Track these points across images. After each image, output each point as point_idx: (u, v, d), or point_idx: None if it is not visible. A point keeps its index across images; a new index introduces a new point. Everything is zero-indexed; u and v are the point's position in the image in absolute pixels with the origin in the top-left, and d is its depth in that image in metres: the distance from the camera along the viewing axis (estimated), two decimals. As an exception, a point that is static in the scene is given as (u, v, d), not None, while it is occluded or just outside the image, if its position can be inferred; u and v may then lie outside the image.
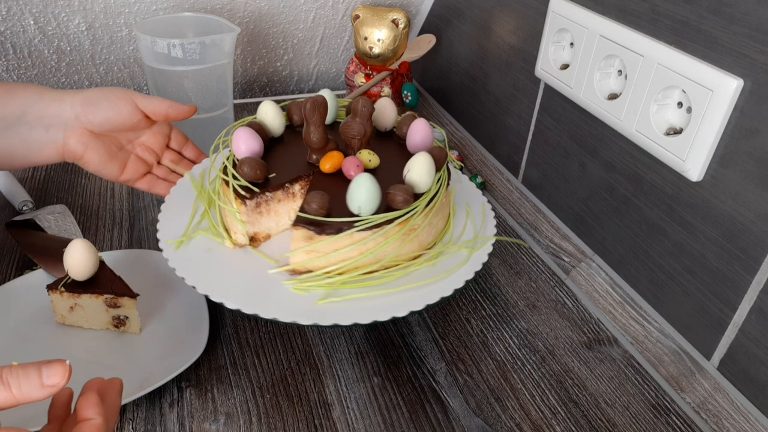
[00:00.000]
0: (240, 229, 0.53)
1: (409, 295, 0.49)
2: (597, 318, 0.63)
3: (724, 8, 0.48)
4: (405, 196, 0.50)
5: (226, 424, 0.50)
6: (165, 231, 0.55)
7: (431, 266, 0.53)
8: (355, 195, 0.49)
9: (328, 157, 0.54)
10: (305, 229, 0.49)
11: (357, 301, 0.49)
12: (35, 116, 0.56)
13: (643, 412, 0.54)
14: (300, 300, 0.48)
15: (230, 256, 0.53)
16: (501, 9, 0.81)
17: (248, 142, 0.54)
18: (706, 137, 0.50)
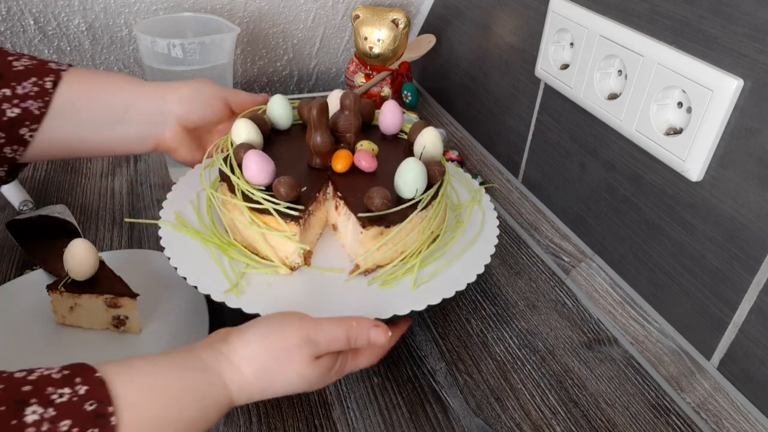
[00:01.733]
0: (294, 250, 0.52)
1: (473, 254, 0.56)
2: (597, 318, 0.63)
3: (724, 8, 0.48)
4: (440, 168, 0.54)
5: (226, 424, 0.50)
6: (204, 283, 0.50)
7: (464, 227, 0.59)
8: (410, 179, 0.51)
9: (340, 157, 0.56)
10: (375, 227, 0.50)
11: (441, 275, 0.53)
12: (139, 113, 0.58)
13: (643, 412, 0.54)
14: (393, 294, 0.51)
15: (294, 282, 0.52)
16: (501, 9, 0.81)
17: (262, 165, 0.51)
18: (706, 137, 0.50)
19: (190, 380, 0.39)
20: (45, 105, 0.53)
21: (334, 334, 0.43)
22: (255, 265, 0.52)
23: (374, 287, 0.51)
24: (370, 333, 0.45)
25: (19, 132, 0.52)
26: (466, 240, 0.57)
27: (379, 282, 0.52)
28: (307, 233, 0.54)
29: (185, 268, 0.51)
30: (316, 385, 0.44)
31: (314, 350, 0.42)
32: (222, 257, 0.53)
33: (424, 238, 0.54)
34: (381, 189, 0.50)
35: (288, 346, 0.42)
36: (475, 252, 0.56)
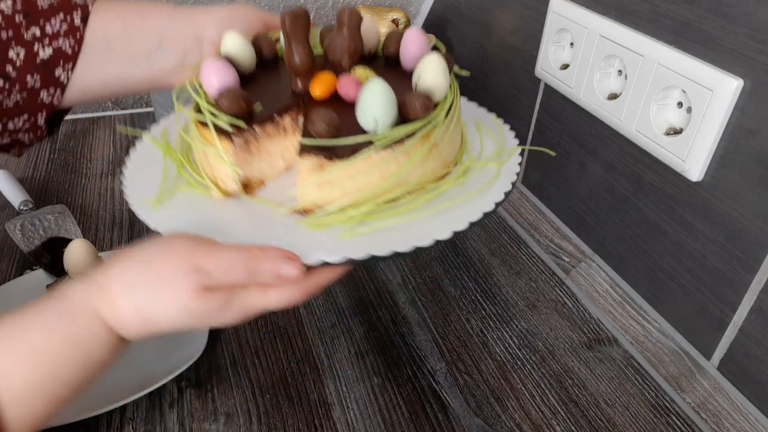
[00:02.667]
0: (229, 174, 0.45)
1: (446, 217, 0.43)
2: (597, 318, 0.63)
3: (724, 8, 0.48)
4: (425, 102, 0.43)
5: (226, 424, 0.50)
6: (136, 194, 0.46)
7: (461, 185, 0.46)
8: (368, 106, 0.41)
9: (319, 81, 0.46)
10: (313, 156, 0.41)
11: (390, 231, 0.42)
12: (175, 41, 0.54)
13: (643, 412, 0.54)
14: (320, 238, 0.41)
15: (223, 208, 0.46)
16: (501, 9, 0.81)
17: (221, 73, 0.45)
18: (706, 137, 0.50)
19: (64, 330, 0.35)
20: (78, 43, 0.50)
21: (229, 263, 0.37)
22: (193, 183, 0.47)
23: (301, 228, 0.43)
24: (280, 266, 0.37)
25: (55, 74, 0.50)
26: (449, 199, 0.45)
27: (310, 223, 0.43)
28: (252, 158, 0.46)
29: (131, 177, 0.48)
30: (207, 321, 0.38)
31: (203, 280, 0.36)
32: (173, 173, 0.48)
33: (388, 185, 0.43)
34: (328, 111, 0.41)
35: (171, 273, 0.36)
36: (452, 216, 0.43)
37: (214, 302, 0.37)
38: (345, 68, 0.49)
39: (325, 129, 0.41)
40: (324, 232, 0.42)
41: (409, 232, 0.42)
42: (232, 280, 0.37)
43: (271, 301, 0.39)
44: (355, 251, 0.39)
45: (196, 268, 0.36)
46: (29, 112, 0.51)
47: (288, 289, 0.39)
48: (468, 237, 0.75)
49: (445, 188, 0.45)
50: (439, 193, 0.45)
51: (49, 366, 0.34)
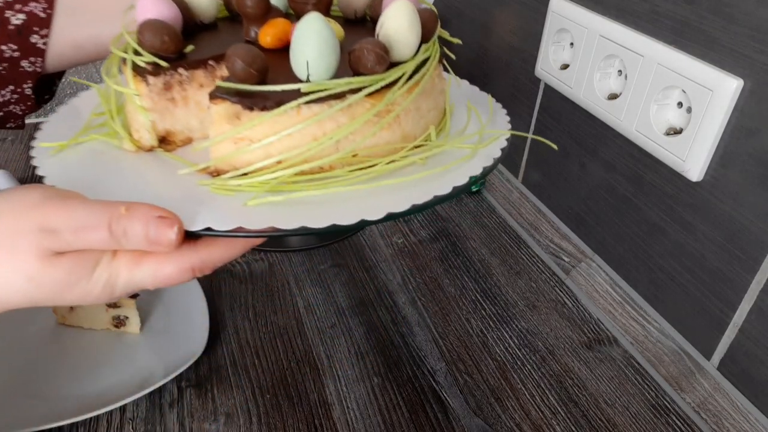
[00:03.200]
0: (143, 122, 0.38)
1: (389, 196, 0.34)
2: (597, 318, 0.63)
3: (724, 8, 0.48)
4: (378, 53, 0.34)
5: (226, 424, 0.50)
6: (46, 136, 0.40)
7: (421, 163, 0.37)
8: (299, 46, 0.33)
9: (270, 26, 0.39)
10: (228, 102, 0.34)
11: (309, 203, 0.33)
12: None
13: (643, 412, 0.54)
14: (218, 203, 0.34)
15: (129, 162, 0.39)
16: (501, 9, 0.81)
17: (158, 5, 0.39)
18: (706, 137, 0.50)
19: None
20: (49, 5, 0.48)
21: (85, 221, 0.29)
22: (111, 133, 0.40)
23: (203, 189, 0.35)
24: (149, 226, 0.29)
25: (31, 40, 0.48)
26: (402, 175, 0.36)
27: (211, 184, 0.35)
28: (177, 109, 0.40)
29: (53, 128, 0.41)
30: (59, 295, 0.31)
31: (51, 242, 0.29)
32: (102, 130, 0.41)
33: (320, 150, 0.35)
34: (252, 50, 0.33)
35: (10, 233, 0.29)
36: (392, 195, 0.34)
37: (63, 270, 0.30)
38: None
39: (246, 70, 0.33)
40: (227, 197, 0.34)
41: (329, 207, 0.33)
42: (88, 242, 0.29)
43: (144, 275, 0.31)
44: (253, 221, 0.31)
45: (42, 227, 0.29)
46: (13, 84, 0.49)
47: (166, 262, 0.31)
48: (468, 237, 0.75)
49: (399, 164, 0.37)
50: (388, 168, 0.36)
51: None
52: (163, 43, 0.37)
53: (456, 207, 0.80)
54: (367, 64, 0.35)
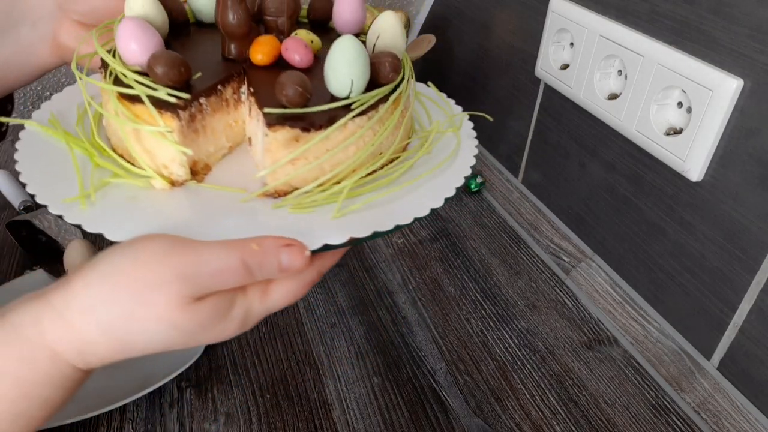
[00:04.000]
0: (176, 157, 0.38)
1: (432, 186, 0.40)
2: (597, 318, 0.63)
3: (724, 8, 0.48)
4: (395, 63, 0.38)
5: (226, 424, 0.50)
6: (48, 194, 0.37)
7: (428, 153, 0.44)
8: (342, 67, 0.36)
9: (261, 44, 0.40)
10: (286, 128, 0.35)
11: (380, 205, 0.38)
12: (19, 12, 0.47)
13: (643, 412, 0.54)
14: (308, 221, 0.36)
15: (168, 200, 0.38)
16: (501, 9, 0.81)
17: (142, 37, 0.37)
18: (706, 137, 0.50)
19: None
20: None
21: (222, 263, 0.30)
22: (123, 173, 0.38)
23: (282, 211, 0.37)
24: (281, 256, 0.32)
25: None
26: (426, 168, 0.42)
27: (289, 205, 0.37)
28: (198, 138, 0.39)
29: (32, 174, 0.38)
30: (201, 337, 0.32)
31: (191, 288, 0.30)
32: (89, 166, 0.39)
33: (363, 157, 0.39)
34: (297, 74, 0.35)
35: (147, 285, 0.29)
36: (437, 183, 0.41)
37: (205, 314, 0.31)
38: (283, 31, 0.43)
39: (299, 94, 0.35)
40: (309, 215, 0.37)
41: (396, 204, 0.38)
42: (225, 283, 0.31)
43: (275, 301, 0.34)
44: (358, 230, 0.35)
45: (180, 275, 0.30)
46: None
47: (291, 283, 0.34)
48: (468, 237, 0.75)
49: (417, 158, 0.43)
50: (410, 164, 0.42)
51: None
52: (180, 74, 0.36)
53: (456, 207, 0.80)
54: (388, 75, 0.38)
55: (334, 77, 0.37)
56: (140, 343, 0.31)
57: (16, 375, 0.29)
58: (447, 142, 0.45)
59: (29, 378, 0.29)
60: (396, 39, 0.41)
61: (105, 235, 0.34)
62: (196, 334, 0.31)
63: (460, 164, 0.43)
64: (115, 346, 0.31)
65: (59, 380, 0.30)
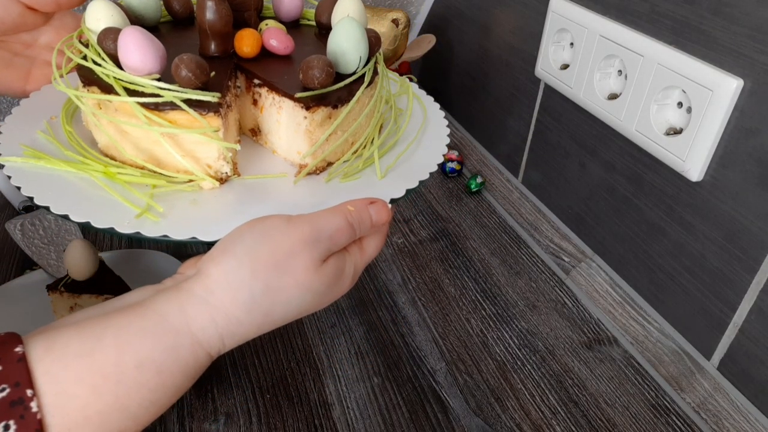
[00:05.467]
0: (217, 153, 0.39)
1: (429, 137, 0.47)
2: (597, 318, 0.63)
3: (724, 8, 0.48)
4: (375, 35, 0.42)
5: (226, 424, 0.50)
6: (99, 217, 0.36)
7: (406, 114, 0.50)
8: (351, 45, 0.40)
9: (245, 38, 0.42)
10: (322, 108, 0.39)
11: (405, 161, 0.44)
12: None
13: (643, 412, 0.54)
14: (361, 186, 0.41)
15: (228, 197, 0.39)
16: (501, 9, 0.81)
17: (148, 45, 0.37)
18: (706, 137, 0.50)
19: (141, 354, 0.29)
20: None
21: (334, 225, 0.35)
22: (164, 183, 0.39)
23: (334, 183, 0.41)
24: (371, 212, 0.37)
25: None
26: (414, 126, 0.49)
27: (340, 176, 0.42)
28: (228, 134, 0.41)
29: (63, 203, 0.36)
30: (329, 296, 0.36)
31: (318, 251, 0.34)
32: (115, 186, 0.38)
33: (374, 124, 0.44)
34: (320, 57, 0.38)
35: (283, 257, 0.32)
36: (431, 136, 0.47)
37: (331, 272, 0.35)
38: (251, 23, 0.46)
39: (329, 73, 0.38)
40: (357, 181, 0.41)
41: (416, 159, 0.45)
42: (341, 242, 0.35)
43: (369, 253, 0.39)
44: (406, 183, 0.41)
45: (306, 242, 0.33)
46: None
47: (376, 236, 0.39)
48: (468, 237, 0.75)
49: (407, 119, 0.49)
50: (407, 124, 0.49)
51: (116, 396, 0.28)
52: (205, 75, 0.37)
53: (456, 207, 0.80)
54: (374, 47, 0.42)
55: (345, 56, 0.40)
56: (279, 313, 0.33)
57: (160, 364, 0.30)
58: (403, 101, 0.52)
59: (170, 368, 0.30)
60: (361, 17, 0.44)
61: (199, 238, 0.36)
62: (324, 294, 0.35)
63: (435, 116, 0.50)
64: (258, 320, 0.33)
65: (193, 369, 0.32)
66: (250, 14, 0.45)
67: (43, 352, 0.28)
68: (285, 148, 0.44)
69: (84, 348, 0.28)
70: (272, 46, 0.43)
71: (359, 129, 0.43)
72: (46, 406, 0.26)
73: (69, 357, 0.28)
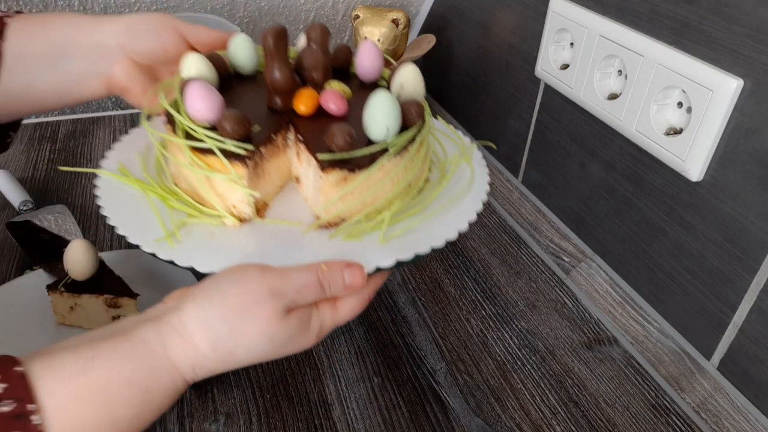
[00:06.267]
0: (243, 198, 0.45)
1: (456, 212, 0.48)
2: (597, 318, 0.63)
3: (724, 8, 0.48)
4: (419, 109, 0.46)
5: (226, 424, 0.50)
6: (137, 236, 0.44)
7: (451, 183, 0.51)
8: (379, 117, 0.44)
9: (303, 97, 0.47)
10: (338, 171, 0.43)
11: (416, 230, 0.45)
12: (77, 49, 0.52)
13: (643, 412, 0.54)
14: (358, 247, 0.44)
15: (241, 236, 0.45)
16: (501, 9, 0.81)
17: (207, 97, 0.43)
18: (706, 137, 0.50)
19: (128, 373, 0.34)
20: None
21: (303, 281, 0.37)
22: (197, 214, 0.46)
23: (337, 240, 0.44)
24: (344, 275, 0.39)
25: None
26: (449, 196, 0.50)
27: (343, 235, 0.45)
28: (261, 181, 0.46)
29: (117, 218, 0.45)
30: (290, 347, 0.38)
31: (282, 303, 0.37)
32: (163, 208, 0.46)
33: (398, 190, 0.47)
34: (344, 125, 0.43)
35: (249, 304, 0.36)
36: (460, 209, 0.48)
37: (293, 325, 0.37)
38: (318, 83, 0.50)
39: (347, 142, 0.43)
40: (359, 242, 0.44)
41: (430, 229, 0.46)
42: (307, 298, 0.38)
43: (342, 314, 0.41)
44: (401, 253, 0.42)
45: (273, 293, 0.36)
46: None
47: (353, 299, 0.41)
48: (468, 237, 0.75)
49: (440, 188, 0.50)
50: (437, 192, 0.49)
51: (107, 409, 0.32)
52: (245, 129, 0.43)
53: (456, 207, 0.80)
54: (414, 118, 0.45)
55: (374, 125, 0.44)
56: (241, 355, 0.36)
57: (144, 385, 0.34)
58: (461, 171, 0.53)
59: (153, 388, 0.34)
60: (417, 87, 0.48)
61: (196, 268, 0.41)
62: (285, 344, 0.38)
63: (476, 191, 0.50)
64: (222, 358, 0.36)
65: (173, 391, 0.36)
66: (318, 74, 0.49)
67: (41, 371, 0.32)
68: (311, 199, 0.48)
69: (79, 368, 0.33)
70: (328, 107, 0.47)
71: (379, 193, 0.45)
72: (46, 419, 0.30)
73: (66, 376, 0.32)
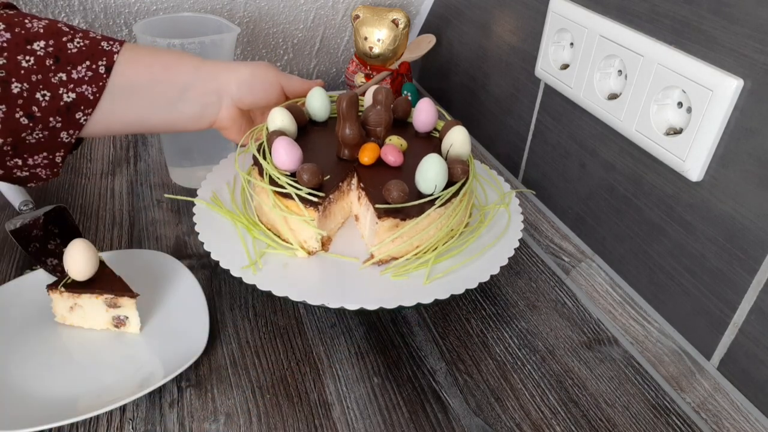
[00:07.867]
0: (313, 235, 0.56)
1: (491, 254, 0.58)
2: (597, 318, 0.63)
3: (724, 8, 0.48)
4: (464, 168, 0.56)
5: (226, 424, 0.50)
6: (226, 259, 0.55)
7: (489, 226, 0.62)
8: (430, 174, 0.53)
9: (367, 150, 0.58)
10: (391, 219, 0.53)
11: (455, 272, 0.55)
12: (198, 93, 0.59)
13: (643, 412, 0.54)
14: (403, 285, 0.53)
15: (309, 266, 0.56)
16: (501, 9, 0.81)
17: (290, 151, 0.55)
18: (706, 137, 0.50)
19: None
20: (99, 90, 0.53)
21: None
22: (275, 246, 0.57)
23: (386, 277, 0.54)
24: None
25: (75, 116, 0.53)
26: (486, 240, 0.60)
27: (391, 273, 0.54)
28: (327, 220, 0.57)
29: (211, 244, 0.56)
30: None
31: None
32: (247, 237, 0.58)
33: (441, 235, 0.56)
34: (399, 182, 0.52)
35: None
36: (494, 253, 0.58)
37: None
38: (380, 137, 0.61)
39: (401, 196, 0.52)
40: (406, 280, 0.54)
41: (466, 272, 0.55)
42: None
43: None
44: (440, 293, 0.52)
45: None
46: (48, 150, 0.54)
47: None
48: (468, 237, 0.75)
49: (478, 232, 0.60)
50: (476, 236, 0.60)
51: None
52: (318, 180, 0.55)
53: (456, 207, 0.80)
54: (459, 176, 0.56)
55: (424, 181, 0.54)
56: None
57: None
58: (499, 215, 0.64)
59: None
60: (464, 146, 0.59)
61: (273, 293, 0.52)
62: None
63: (510, 237, 0.61)
64: None
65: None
66: (381, 130, 0.60)
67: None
68: (367, 237, 0.58)
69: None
70: (387, 159, 0.58)
71: (425, 237, 0.55)
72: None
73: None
